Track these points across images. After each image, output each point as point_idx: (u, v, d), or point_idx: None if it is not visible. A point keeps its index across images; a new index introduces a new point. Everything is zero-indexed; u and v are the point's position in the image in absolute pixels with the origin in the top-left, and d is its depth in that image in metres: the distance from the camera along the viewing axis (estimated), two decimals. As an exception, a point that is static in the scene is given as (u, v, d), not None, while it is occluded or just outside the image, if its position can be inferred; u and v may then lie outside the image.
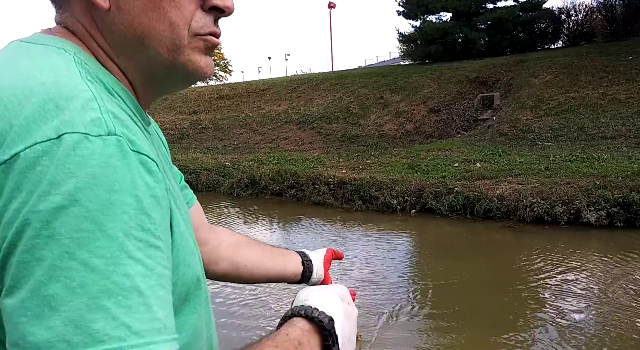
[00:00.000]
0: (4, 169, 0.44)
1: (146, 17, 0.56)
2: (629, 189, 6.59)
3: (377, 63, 39.93)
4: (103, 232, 0.43)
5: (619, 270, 5.17)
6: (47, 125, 0.45)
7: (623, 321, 3.99)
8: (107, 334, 0.40)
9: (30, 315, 0.40)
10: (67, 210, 0.42)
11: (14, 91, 0.47)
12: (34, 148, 0.44)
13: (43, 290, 0.41)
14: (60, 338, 0.40)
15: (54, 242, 0.41)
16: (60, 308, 0.40)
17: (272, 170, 10.12)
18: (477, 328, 4.04)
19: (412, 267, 5.95)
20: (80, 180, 0.43)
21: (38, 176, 0.43)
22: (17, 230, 0.42)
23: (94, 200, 0.43)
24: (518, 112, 12.84)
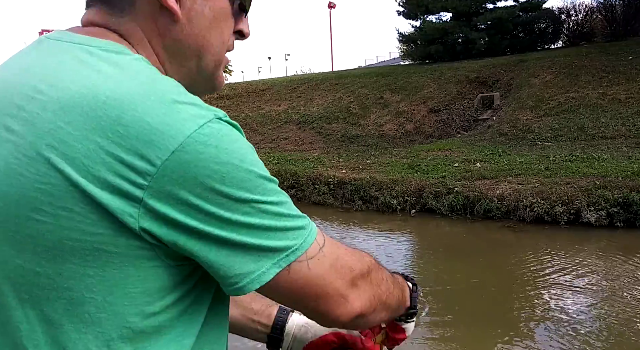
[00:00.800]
0: (170, 164, 0.52)
1: (208, 33, 0.65)
2: (629, 189, 6.60)
3: (377, 63, 39.94)
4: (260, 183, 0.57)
5: (619, 270, 5.17)
6: (190, 121, 0.53)
7: (624, 321, 3.99)
8: (313, 230, 0.63)
9: (264, 236, 0.57)
10: (232, 170, 0.54)
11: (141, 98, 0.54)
12: (189, 141, 0.52)
13: (263, 225, 0.56)
14: (291, 243, 0.59)
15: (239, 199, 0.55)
16: (280, 230, 0.58)
17: (272, 170, 10.09)
18: (477, 328, 4.04)
19: (411, 267, 5.95)
20: (233, 154, 0.54)
21: (199, 154, 0.52)
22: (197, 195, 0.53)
23: (246, 162, 0.55)
24: (518, 112, 12.84)
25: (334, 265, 0.63)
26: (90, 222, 0.52)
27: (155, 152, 0.51)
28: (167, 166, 0.51)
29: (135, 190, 0.51)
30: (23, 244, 0.54)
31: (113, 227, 0.52)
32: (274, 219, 0.57)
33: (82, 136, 0.52)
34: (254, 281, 0.56)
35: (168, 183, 0.51)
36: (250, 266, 0.56)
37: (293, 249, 0.58)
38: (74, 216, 0.52)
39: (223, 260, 0.55)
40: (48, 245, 0.53)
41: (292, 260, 0.58)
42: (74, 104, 0.53)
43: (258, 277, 0.56)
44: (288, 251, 0.58)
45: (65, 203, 0.51)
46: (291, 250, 0.58)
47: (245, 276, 0.56)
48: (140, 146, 0.51)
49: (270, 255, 0.57)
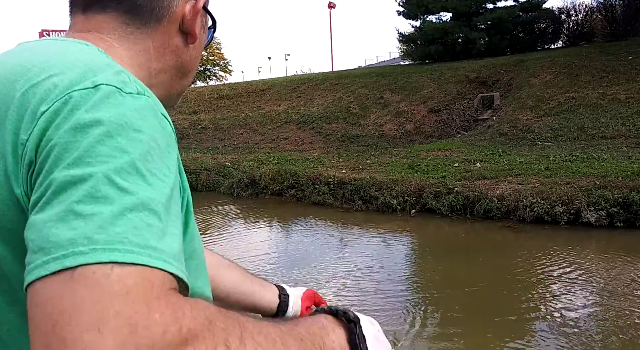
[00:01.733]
0: (46, 117, 0.48)
1: (197, 56, 0.74)
2: (629, 189, 6.59)
3: (377, 63, 39.96)
4: (127, 156, 0.46)
5: (619, 270, 5.17)
6: (85, 81, 0.51)
7: (624, 321, 3.99)
8: (126, 237, 0.42)
9: (55, 220, 0.42)
10: (99, 139, 0.46)
11: (62, 65, 0.54)
12: (72, 93, 0.49)
13: (70, 199, 0.43)
14: (82, 235, 0.41)
15: (83, 162, 0.45)
16: (85, 214, 0.43)
17: (272, 170, 10.12)
18: (477, 327, 4.04)
19: (411, 267, 5.95)
20: (111, 116, 0.48)
21: (73, 112, 0.48)
22: (47, 153, 0.47)
23: (122, 135, 0.47)
24: (518, 112, 12.84)
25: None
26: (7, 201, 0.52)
27: (43, 106, 0.52)
28: (42, 118, 0.51)
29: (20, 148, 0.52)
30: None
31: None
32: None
33: (4, 102, 0.54)
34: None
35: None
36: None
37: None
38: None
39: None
40: None
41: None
42: (8, 73, 0.55)
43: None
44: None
45: None
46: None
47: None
48: (37, 103, 0.52)
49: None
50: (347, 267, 5.69)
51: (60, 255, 0.41)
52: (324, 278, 5.31)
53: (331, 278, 5.30)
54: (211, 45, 37.20)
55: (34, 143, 0.48)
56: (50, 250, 0.41)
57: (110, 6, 0.66)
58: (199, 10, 0.70)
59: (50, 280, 0.40)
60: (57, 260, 0.40)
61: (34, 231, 0.43)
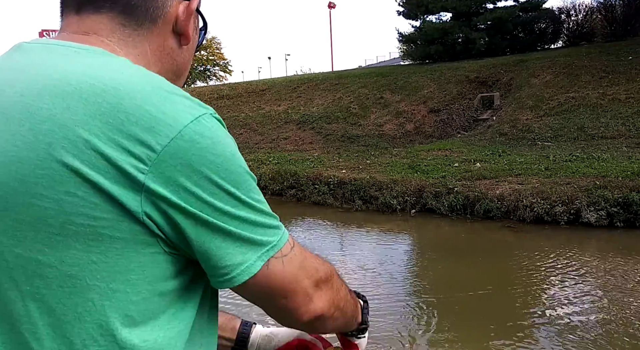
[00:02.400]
0: (171, 154, 0.55)
1: (190, 57, 0.75)
2: (629, 189, 6.60)
3: (377, 63, 39.96)
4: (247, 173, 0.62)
5: (619, 270, 5.18)
6: (186, 114, 0.57)
7: (624, 321, 3.99)
8: (283, 231, 0.65)
9: (250, 229, 0.61)
10: (224, 163, 0.58)
11: (139, 87, 0.57)
12: (185, 131, 0.56)
13: (248, 220, 0.60)
14: (270, 236, 0.63)
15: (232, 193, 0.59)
16: (263, 227, 0.62)
17: (272, 170, 10.12)
18: (477, 327, 4.04)
19: (411, 267, 5.96)
20: (228, 148, 0.60)
21: (194, 144, 0.56)
22: (190, 188, 0.57)
23: (237, 158, 0.60)
24: (518, 112, 12.84)
25: (303, 264, 0.66)
26: (94, 206, 0.53)
27: (156, 138, 0.54)
28: (166, 152, 0.54)
29: (138, 174, 0.53)
30: (24, 232, 0.54)
31: (116, 212, 0.53)
32: (258, 214, 0.61)
33: (82, 121, 0.53)
34: (244, 273, 0.59)
35: (167, 169, 0.54)
36: (239, 258, 0.59)
37: (272, 244, 0.61)
38: (77, 201, 0.52)
39: (215, 249, 0.58)
40: (50, 231, 0.53)
41: (271, 256, 0.61)
42: (72, 90, 0.54)
43: (247, 269, 0.59)
44: (268, 246, 0.61)
45: (67, 187, 0.52)
46: (271, 246, 0.61)
47: (235, 267, 0.59)
48: (141, 132, 0.53)
49: (255, 248, 0.60)
50: (347, 267, 5.69)
51: (266, 250, 0.61)
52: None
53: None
54: (211, 45, 37.24)
55: (160, 174, 0.54)
56: (258, 250, 0.60)
57: (105, 6, 0.65)
58: (192, 11, 0.70)
59: (265, 267, 0.61)
60: (266, 253, 0.61)
61: (222, 251, 0.59)
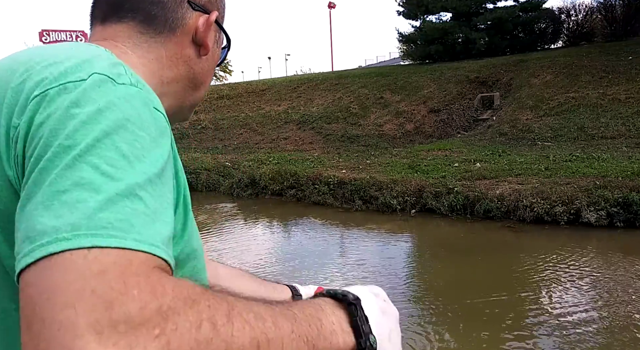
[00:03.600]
0: (37, 101, 0.50)
1: (209, 69, 0.76)
2: (629, 189, 6.59)
3: (377, 63, 39.95)
4: (114, 142, 0.46)
5: (619, 270, 5.18)
6: (81, 71, 0.51)
7: (623, 321, 3.99)
8: (110, 223, 0.42)
9: (41, 208, 0.43)
10: (86, 124, 0.47)
11: (63, 56, 0.55)
12: (67, 84, 0.50)
13: (55, 187, 0.43)
14: (66, 222, 0.42)
15: (69, 149, 0.45)
16: (70, 201, 0.43)
17: (272, 170, 10.12)
18: (477, 328, 4.04)
19: (411, 267, 5.96)
20: (100, 104, 0.48)
21: (64, 100, 0.48)
22: (36, 138, 0.47)
23: (110, 120, 0.47)
24: (518, 112, 12.84)
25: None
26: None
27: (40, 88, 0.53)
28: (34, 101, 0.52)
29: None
30: None
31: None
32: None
33: (3, 85, 0.55)
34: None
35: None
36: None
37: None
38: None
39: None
40: None
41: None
42: (13, 63, 0.57)
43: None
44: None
45: None
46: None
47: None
48: (33, 86, 0.53)
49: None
50: (347, 267, 5.69)
51: (45, 242, 0.41)
52: (324, 278, 5.31)
53: (331, 278, 5.30)
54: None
55: (25, 127, 0.49)
56: (36, 238, 0.42)
57: (127, 16, 0.69)
58: (212, 24, 0.73)
59: (34, 267, 0.41)
60: (42, 248, 0.41)
61: (22, 220, 0.44)
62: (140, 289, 0.40)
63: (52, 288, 0.39)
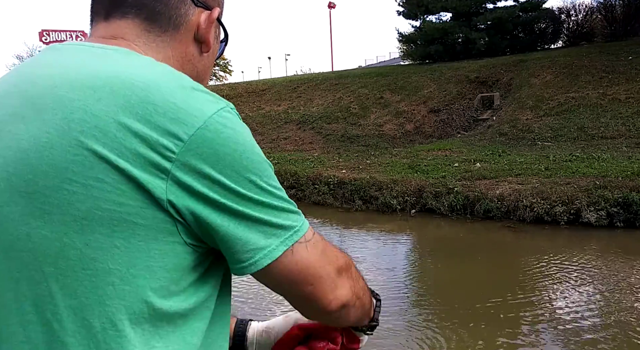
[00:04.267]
0: (191, 141, 0.57)
1: (210, 66, 0.78)
2: (629, 189, 6.60)
3: (377, 63, 39.95)
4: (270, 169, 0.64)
5: (619, 270, 5.18)
6: (211, 105, 0.60)
7: (623, 321, 3.99)
8: (304, 221, 0.66)
9: (271, 215, 0.62)
10: (249, 155, 0.61)
11: (162, 82, 0.60)
12: (209, 120, 0.58)
13: (268, 205, 0.62)
14: (291, 221, 0.64)
15: (254, 178, 0.61)
16: (284, 209, 0.64)
17: (272, 170, 10.10)
18: (477, 328, 4.04)
19: (411, 267, 5.96)
20: (246, 136, 0.62)
21: (215, 134, 0.59)
22: (213, 175, 0.59)
23: (255, 147, 0.63)
24: (518, 112, 12.84)
25: (325, 251, 0.68)
26: (120, 192, 0.55)
27: (183, 128, 0.56)
28: (192, 141, 0.57)
29: (164, 162, 0.56)
30: (51, 215, 0.56)
31: (141, 199, 0.55)
32: (279, 200, 0.63)
33: (113, 112, 0.56)
34: (266, 257, 0.61)
35: (193, 157, 0.57)
36: (262, 242, 0.61)
37: (296, 229, 0.63)
38: (105, 186, 0.55)
39: (240, 234, 0.60)
40: (77, 214, 0.55)
41: (295, 240, 0.63)
42: (103, 84, 0.58)
43: (269, 252, 0.61)
44: (292, 231, 0.63)
45: (96, 173, 0.55)
46: (294, 231, 0.63)
47: (258, 251, 0.61)
48: (168, 123, 0.56)
49: (278, 233, 0.62)
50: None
51: (289, 236, 0.62)
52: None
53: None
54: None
55: (186, 163, 0.57)
56: (281, 234, 0.62)
57: (130, 12, 0.69)
58: (214, 20, 0.74)
59: (290, 251, 0.62)
60: (290, 237, 0.63)
61: (245, 235, 0.60)
62: (335, 255, 0.70)
63: (314, 260, 0.65)
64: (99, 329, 0.57)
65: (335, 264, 0.68)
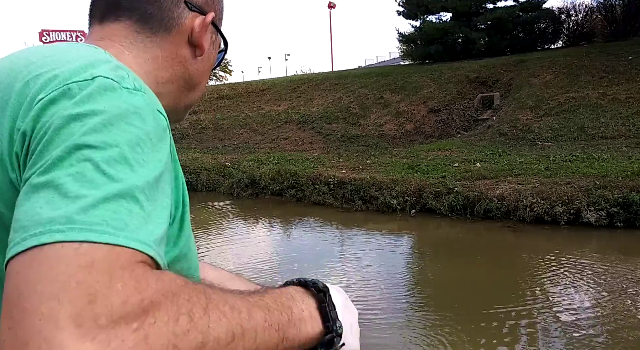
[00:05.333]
0: (42, 103, 0.50)
1: (205, 70, 0.76)
2: (629, 189, 6.60)
3: (377, 63, 39.91)
4: (117, 146, 0.48)
5: (618, 270, 5.18)
6: (84, 73, 0.53)
7: (623, 321, 3.99)
8: (105, 220, 0.43)
9: (42, 201, 0.44)
10: (90, 126, 0.48)
11: (65, 58, 0.56)
12: (70, 85, 0.51)
13: (57, 182, 0.45)
14: (63, 215, 0.43)
15: (73, 148, 0.47)
16: (70, 196, 0.44)
17: (272, 170, 10.12)
18: (476, 327, 4.04)
19: (411, 267, 5.96)
20: (105, 108, 0.50)
21: (69, 101, 0.50)
22: (40, 138, 0.49)
23: (113, 124, 0.49)
24: (518, 112, 12.84)
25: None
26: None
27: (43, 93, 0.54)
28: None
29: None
30: None
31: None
32: None
33: (5, 88, 0.56)
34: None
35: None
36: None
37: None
38: None
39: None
40: None
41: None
42: (13, 64, 0.58)
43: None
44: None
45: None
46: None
47: None
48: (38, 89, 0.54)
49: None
50: (346, 267, 5.69)
51: (38, 233, 0.42)
52: (323, 278, 5.31)
53: (330, 278, 5.30)
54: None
55: (29, 129, 0.50)
56: (29, 228, 0.42)
57: (123, 15, 0.70)
58: (208, 25, 0.73)
59: (23, 255, 0.41)
60: (34, 237, 0.42)
61: (21, 212, 0.44)
62: (124, 282, 0.41)
63: (39, 278, 0.40)
64: None
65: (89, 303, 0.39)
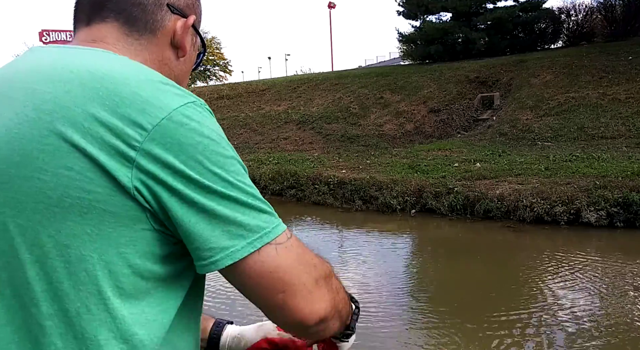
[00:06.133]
0: (155, 131, 0.59)
1: (187, 71, 0.81)
2: (629, 189, 6.60)
3: (377, 63, 39.91)
4: (237, 161, 0.65)
5: (618, 270, 5.18)
6: (179, 98, 0.63)
7: (623, 321, 3.99)
8: (279, 219, 0.66)
9: (239, 213, 0.62)
10: (214, 148, 0.61)
11: (133, 78, 0.62)
12: (173, 113, 0.60)
13: (235, 199, 0.62)
14: (262, 222, 0.63)
15: (222, 172, 0.62)
16: (254, 207, 0.64)
17: (272, 170, 10.12)
18: (477, 327, 4.04)
19: (411, 267, 5.96)
20: (213, 129, 0.63)
21: (185, 129, 0.60)
22: (176, 165, 0.60)
23: (224, 140, 0.64)
24: (518, 112, 12.83)
25: (301, 258, 0.65)
26: (88, 180, 0.57)
27: (147, 119, 0.58)
28: (156, 131, 0.58)
29: (129, 151, 0.58)
30: (24, 203, 0.58)
31: (109, 186, 0.57)
32: (248, 197, 0.62)
33: (82, 103, 0.59)
34: (227, 257, 0.60)
35: (156, 147, 0.58)
36: (226, 242, 0.60)
37: (266, 231, 0.62)
38: (73, 174, 0.57)
39: (201, 229, 0.60)
40: (49, 202, 0.57)
41: (264, 243, 0.61)
42: (73, 77, 0.61)
43: (232, 253, 0.60)
44: (261, 232, 0.62)
45: (66, 162, 0.57)
46: (264, 232, 0.62)
47: (220, 251, 0.60)
48: (134, 113, 0.58)
49: (245, 234, 0.61)
50: (346, 267, 5.69)
51: (257, 237, 0.61)
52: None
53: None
54: (211, 45, 37.27)
55: (150, 152, 0.58)
56: (248, 235, 0.60)
57: (110, 16, 0.73)
58: (189, 27, 0.77)
59: (257, 253, 0.61)
60: (260, 239, 0.61)
61: (209, 224, 0.60)
62: (316, 261, 0.68)
63: (286, 265, 0.62)
64: (73, 313, 0.59)
65: (313, 273, 0.65)
